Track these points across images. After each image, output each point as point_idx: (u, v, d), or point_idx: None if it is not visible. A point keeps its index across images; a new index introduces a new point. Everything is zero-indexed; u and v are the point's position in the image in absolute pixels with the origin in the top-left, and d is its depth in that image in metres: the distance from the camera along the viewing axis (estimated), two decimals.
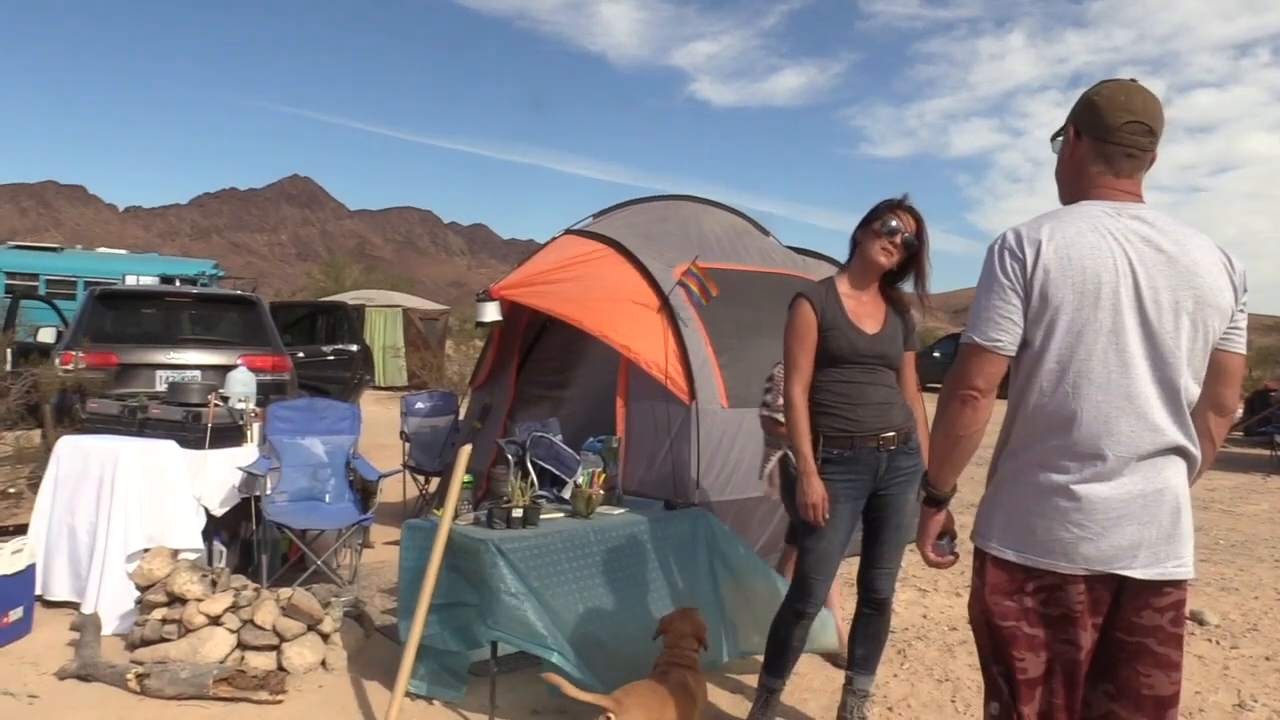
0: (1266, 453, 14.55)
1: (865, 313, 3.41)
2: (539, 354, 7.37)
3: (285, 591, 4.16)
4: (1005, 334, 2.11)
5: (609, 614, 3.68)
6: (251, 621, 4.02)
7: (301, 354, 10.59)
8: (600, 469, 4.03)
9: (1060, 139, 2.32)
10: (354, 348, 12.47)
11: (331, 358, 12.11)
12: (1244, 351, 2.24)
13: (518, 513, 3.56)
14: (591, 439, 4.54)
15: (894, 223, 3.34)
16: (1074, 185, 2.26)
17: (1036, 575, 2.13)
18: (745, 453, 5.77)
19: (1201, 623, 5.23)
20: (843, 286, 3.44)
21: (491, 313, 6.18)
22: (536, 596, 3.39)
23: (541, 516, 3.67)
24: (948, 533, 2.38)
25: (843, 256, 3.60)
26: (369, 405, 10.73)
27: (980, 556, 2.24)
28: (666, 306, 5.78)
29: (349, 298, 21.37)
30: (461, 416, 7.87)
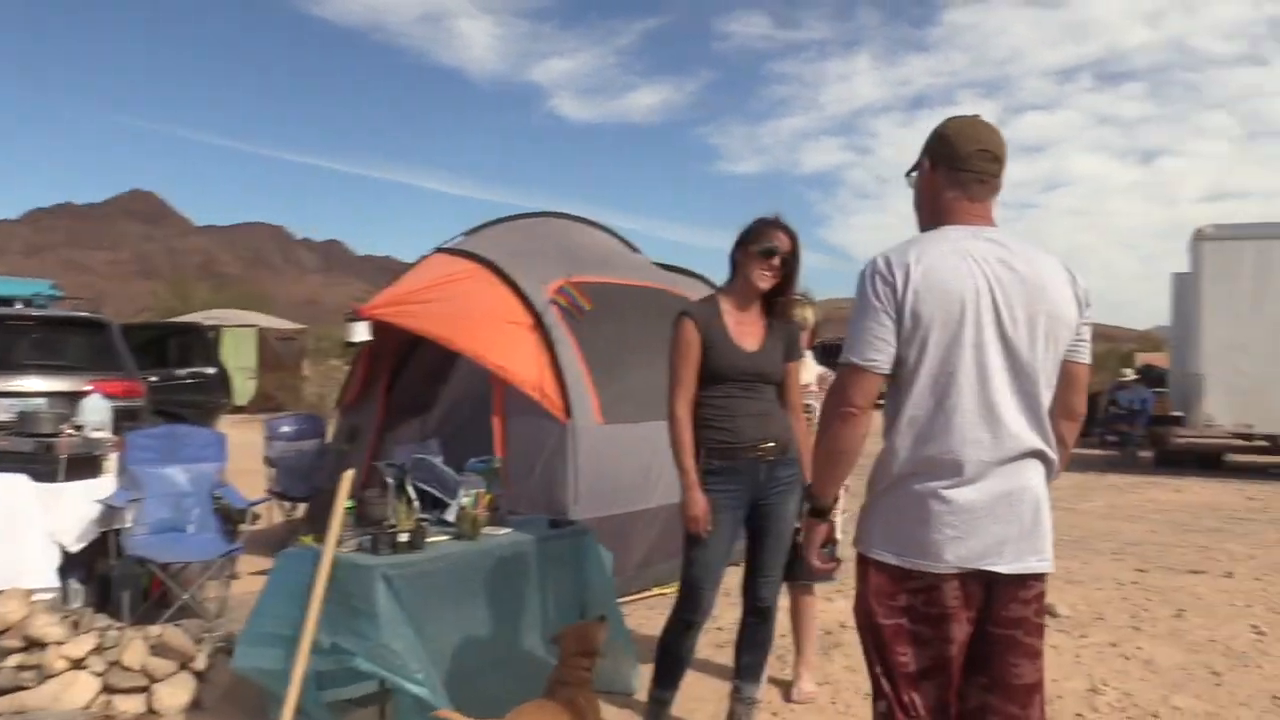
0: (1100, 453, 15.55)
1: (746, 331, 3.51)
2: (408, 374, 7.28)
3: (154, 629, 4.00)
4: (880, 354, 2.24)
5: (491, 640, 3.67)
6: (118, 663, 3.84)
7: (154, 378, 10.13)
8: (484, 489, 4.01)
9: (915, 174, 2.49)
10: (210, 370, 12.02)
11: (187, 381, 11.64)
12: (1089, 361, 2.45)
13: (404, 537, 3.51)
14: (474, 460, 4.52)
15: (771, 244, 3.46)
16: (932, 212, 2.42)
17: (915, 576, 2.26)
18: (622, 468, 5.84)
19: (1053, 615, 5.55)
20: (725, 305, 3.53)
21: (361, 333, 6.08)
22: (415, 626, 3.35)
23: (427, 540, 3.63)
24: (830, 541, 2.50)
25: (704, 271, 3.73)
26: (226, 429, 10.37)
27: (863, 562, 2.37)
28: (540, 325, 5.80)
29: (200, 317, 20.57)
30: (329, 439, 7.69)
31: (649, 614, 5.54)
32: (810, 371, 4.18)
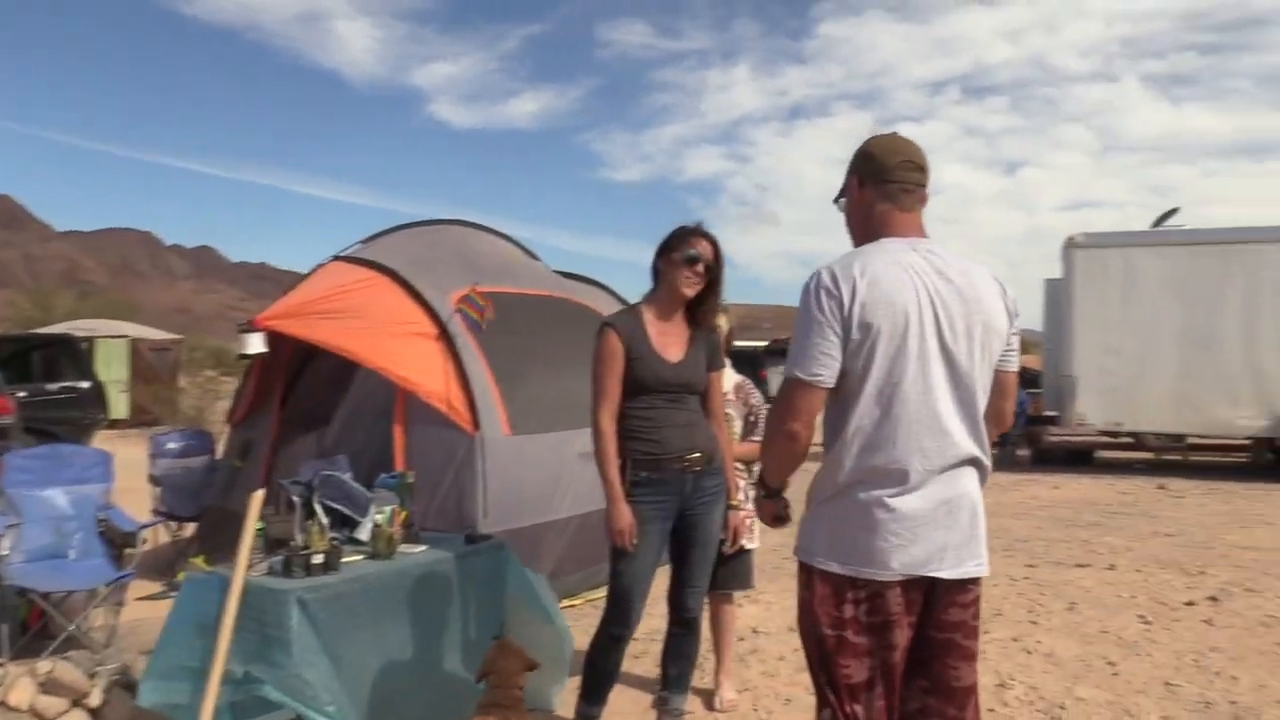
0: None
1: (669, 341, 3.49)
2: (304, 385, 7.06)
3: (43, 665, 3.76)
4: (826, 369, 2.25)
5: (411, 662, 3.56)
6: (3, 703, 3.60)
7: (23, 393, 9.58)
8: (398, 506, 3.90)
9: (844, 199, 2.55)
10: (84, 384, 11.43)
11: (59, 396, 11.04)
12: (1017, 369, 2.52)
13: (318, 558, 3.38)
14: (385, 475, 4.39)
15: (695, 250, 3.45)
16: (866, 227, 2.46)
17: (860, 585, 2.28)
18: (530, 479, 5.77)
19: None
20: (648, 315, 3.51)
21: (256, 344, 5.85)
22: (331, 651, 3.24)
23: (342, 560, 3.50)
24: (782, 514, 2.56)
25: (596, 278, 3.69)
26: (101, 446, 9.85)
27: (806, 571, 2.38)
28: (444, 334, 5.69)
29: (67, 328, 19.53)
30: (219, 455, 7.39)
31: None
32: (728, 380, 4.20)
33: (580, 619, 5.63)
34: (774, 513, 2.54)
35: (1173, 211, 14.61)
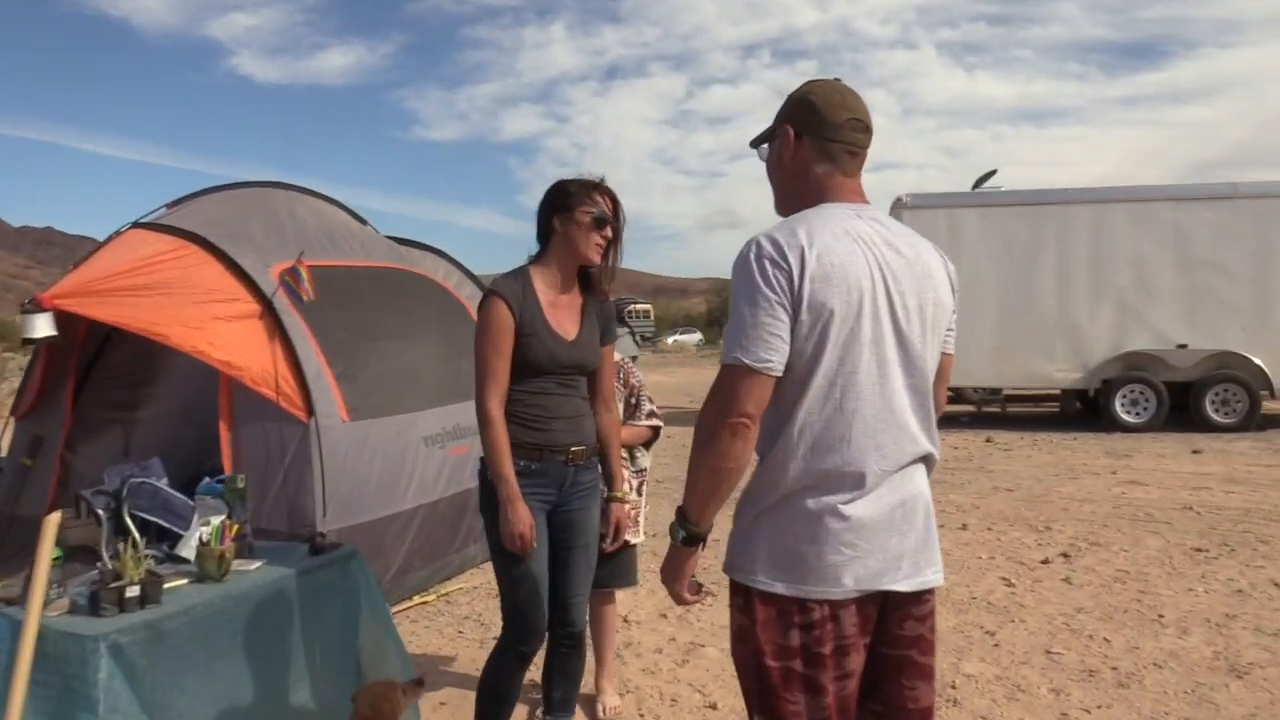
0: None
1: (564, 315, 3.05)
2: (102, 370, 6.23)
3: None
4: (776, 353, 1.89)
5: (254, 703, 3.02)
6: None
7: None
8: (228, 517, 3.33)
9: (769, 145, 2.18)
10: None
11: None
12: (953, 351, 2.24)
13: (133, 591, 2.80)
14: (209, 479, 3.80)
15: (603, 211, 3.02)
16: (799, 189, 2.11)
17: (810, 607, 1.95)
18: (372, 469, 5.26)
19: None
20: (539, 283, 3.04)
21: (43, 327, 5.03)
22: (152, 707, 2.68)
23: (164, 588, 2.93)
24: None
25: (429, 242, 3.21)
26: None
27: (743, 593, 2.03)
28: (270, 311, 5.07)
29: None
30: (4, 453, 6.47)
31: (413, 628, 5.03)
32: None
33: (435, 617, 5.19)
34: (690, 572, 2.06)
35: (991, 173, 15.08)
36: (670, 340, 52.63)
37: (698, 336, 55.41)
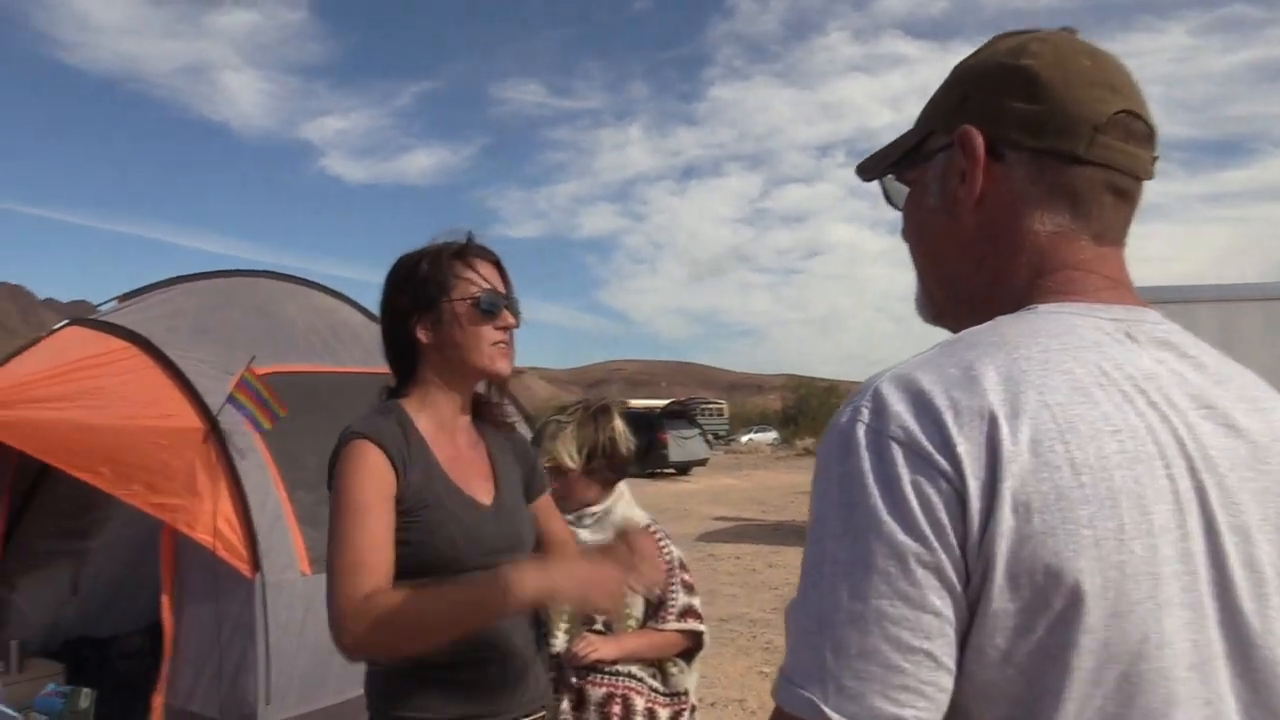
0: None
1: (471, 469, 1.85)
2: (46, 492, 5.20)
3: None
4: (913, 699, 0.70)
5: None
6: None
7: None
8: None
9: (910, 175, 0.97)
10: None
11: None
12: None
13: None
14: (50, 690, 2.69)
15: (493, 292, 1.83)
16: (989, 271, 0.90)
17: None
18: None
19: None
20: (423, 421, 1.82)
21: None
22: None
23: None
24: None
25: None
26: None
27: None
28: (215, 432, 3.98)
29: None
30: None
31: None
32: (628, 517, 2.61)
33: None
34: None
35: None
36: (745, 439, 51.03)
37: (773, 435, 53.72)
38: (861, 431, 0.75)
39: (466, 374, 1.84)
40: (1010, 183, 0.87)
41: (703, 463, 26.12)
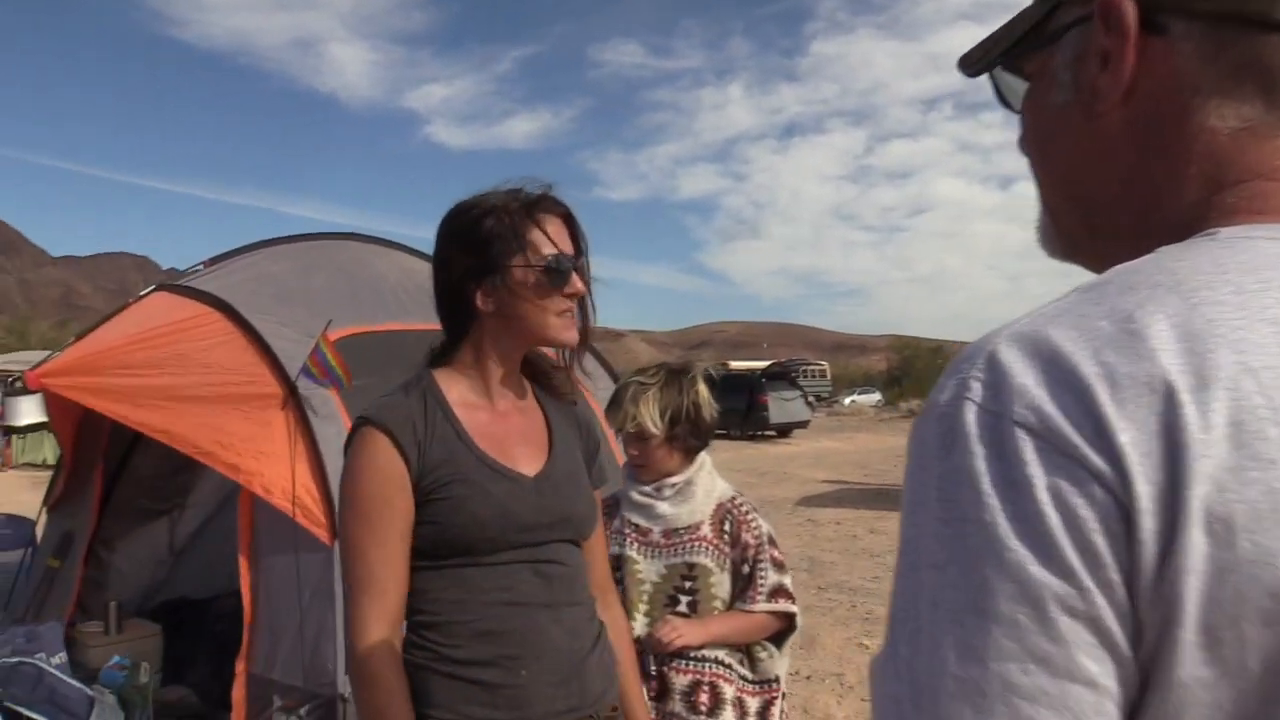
0: None
1: (513, 435, 1.67)
2: (142, 452, 5.23)
3: None
4: None
5: None
6: None
7: None
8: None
9: (1056, 43, 0.69)
10: None
11: None
12: None
13: None
14: (112, 665, 2.63)
15: (556, 253, 1.62)
16: (1149, 181, 0.65)
17: None
18: None
19: None
20: (453, 393, 1.66)
21: (29, 412, 4.17)
22: None
23: None
24: None
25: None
26: None
27: None
28: (294, 397, 3.91)
29: (4, 362, 17.65)
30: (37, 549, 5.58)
31: None
32: (707, 498, 2.41)
33: None
34: None
35: None
36: (848, 401, 50.22)
37: (876, 397, 52.75)
38: (972, 415, 0.52)
39: (528, 343, 1.68)
40: (1174, 64, 0.62)
41: (804, 425, 25.74)
